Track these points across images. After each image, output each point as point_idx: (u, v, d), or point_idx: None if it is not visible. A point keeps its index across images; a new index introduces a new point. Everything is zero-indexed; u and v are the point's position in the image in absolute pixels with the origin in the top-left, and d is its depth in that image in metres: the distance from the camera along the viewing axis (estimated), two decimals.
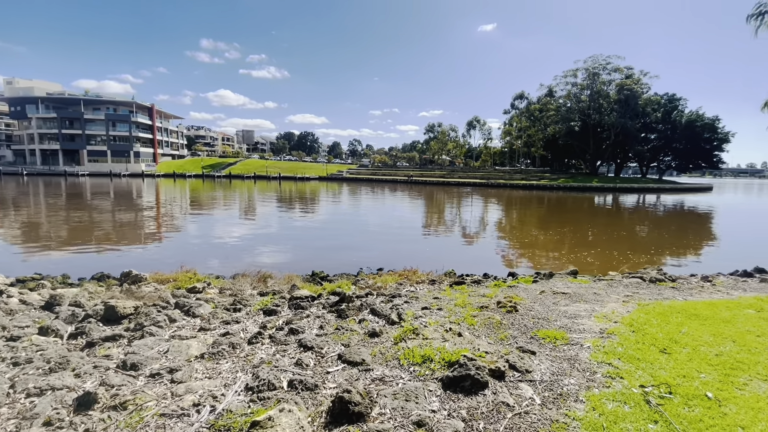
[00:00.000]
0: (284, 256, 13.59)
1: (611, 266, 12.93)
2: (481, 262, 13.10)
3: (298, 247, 14.89)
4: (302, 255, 13.63)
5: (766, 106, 6.87)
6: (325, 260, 13.06)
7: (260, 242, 15.59)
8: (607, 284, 6.54)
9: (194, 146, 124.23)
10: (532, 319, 4.55)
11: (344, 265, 12.27)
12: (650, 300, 5.24)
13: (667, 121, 62.52)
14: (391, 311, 4.91)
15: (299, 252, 14.12)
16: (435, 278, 8.68)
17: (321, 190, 49.86)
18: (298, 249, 14.62)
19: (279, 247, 14.91)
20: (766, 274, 7.92)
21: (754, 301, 5.08)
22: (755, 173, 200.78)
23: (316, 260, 12.88)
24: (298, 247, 14.89)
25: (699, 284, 6.48)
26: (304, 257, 13.42)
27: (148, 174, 74.34)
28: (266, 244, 15.19)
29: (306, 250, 14.38)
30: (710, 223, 25.45)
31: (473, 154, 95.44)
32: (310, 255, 13.67)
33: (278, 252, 14.01)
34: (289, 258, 13.35)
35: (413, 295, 6.29)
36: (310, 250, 14.58)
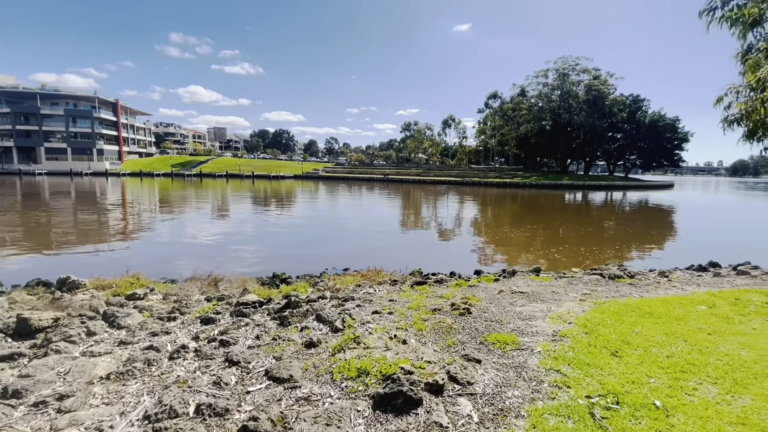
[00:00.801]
0: (251, 257, 12.97)
1: (577, 262, 13.08)
2: (450, 259, 12.96)
3: (267, 248, 14.27)
4: (269, 256, 13.06)
5: (718, 103, 6.90)
6: (292, 261, 12.56)
7: (227, 243, 14.86)
8: (568, 282, 6.43)
9: (163, 144, 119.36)
10: (484, 321, 4.29)
11: (311, 266, 11.83)
12: (607, 298, 5.12)
13: (632, 121, 65.16)
14: (339, 317, 4.54)
15: (267, 252, 13.52)
16: (398, 278, 8.38)
17: (296, 188, 48.81)
18: (266, 249, 14.01)
19: (246, 247, 14.22)
20: (719, 268, 8.08)
21: (706, 297, 5.05)
22: (711, 171, 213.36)
23: (283, 261, 12.36)
24: (267, 248, 14.27)
25: (656, 280, 6.47)
26: (271, 258, 12.86)
27: (112, 173, 70.71)
28: (233, 245, 14.48)
29: (274, 251, 13.80)
30: (671, 218, 26.53)
31: (449, 153, 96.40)
32: (277, 256, 13.12)
33: (245, 253, 13.36)
34: (255, 259, 12.75)
35: (369, 297, 5.95)
36: (279, 250, 14.01)
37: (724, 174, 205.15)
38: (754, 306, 4.66)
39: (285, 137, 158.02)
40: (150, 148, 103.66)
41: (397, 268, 11.79)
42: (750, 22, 5.25)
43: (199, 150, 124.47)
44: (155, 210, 24.41)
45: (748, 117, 6.39)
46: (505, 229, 20.37)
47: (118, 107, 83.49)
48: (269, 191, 43.55)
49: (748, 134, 6.70)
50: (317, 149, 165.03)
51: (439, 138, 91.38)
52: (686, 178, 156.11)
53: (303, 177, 75.59)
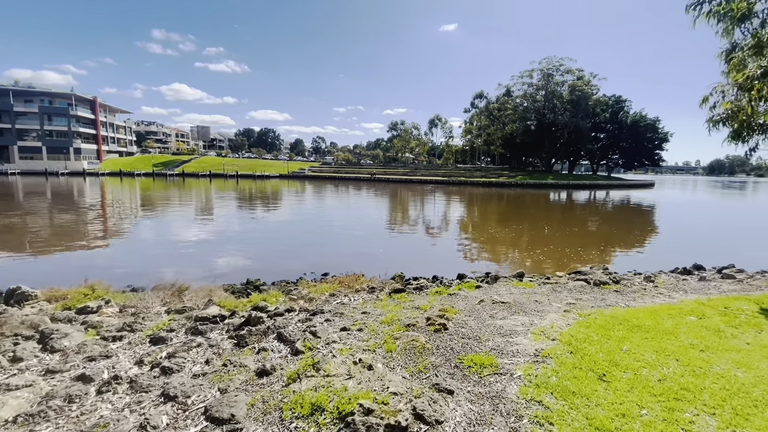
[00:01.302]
0: (228, 261, 12.36)
1: (562, 264, 12.90)
2: (434, 262, 12.62)
3: (246, 251, 13.66)
4: (248, 260, 12.49)
5: (703, 102, 6.71)
6: (272, 265, 12.03)
7: (206, 247, 14.20)
8: (552, 289, 6.12)
9: (145, 143, 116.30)
10: (461, 339, 3.91)
11: (290, 270, 11.33)
12: (592, 308, 4.81)
13: (615, 122, 66.32)
14: (302, 336, 4.10)
15: (246, 256, 12.95)
16: (377, 285, 7.97)
17: (280, 188, 47.92)
18: (245, 253, 13.41)
19: (225, 251, 13.59)
20: (703, 271, 7.92)
21: (695, 306, 4.79)
22: (689, 170, 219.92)
23: (262, 265, 11.83)
24: (246, 251, 13.66)
25: (642, 286, 6.23)
26: (250, 262, 12.30)
27: (90, 172, 68.36)
28: (211, 249, 13.83)
29: (254, 255, 13.22)
30: (653, 217, 26.86)
31: (436, 152, 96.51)
32: (257, 260, 12.57)
33: (222, 257, 12.75)
34: (233, 263, 12.15)
35: (341, 310, 5.51)
36: (259, 254, 13.43)
37: (701, 173, 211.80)
38: (745, 316, 4.42)
39: (270, 136, 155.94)
40: (131, 147, 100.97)
41: (379, 272, 11.40)
42: (738, 17, 5.04)
43: (182, 149, 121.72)
44: (132, 211, 23.41)
45: (734, 117, 6.21)
46: (490, 229, 20.19)
47: (96, 105, 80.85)
48: (253, 191, 42.60)
49: (733, 135, 6.53)
50: (304, 148, 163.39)
51: (425, 137, 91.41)
52: (666, 177, 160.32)
53: (289, 177, 74.51)
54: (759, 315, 4.48)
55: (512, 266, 12.34)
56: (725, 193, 57.26)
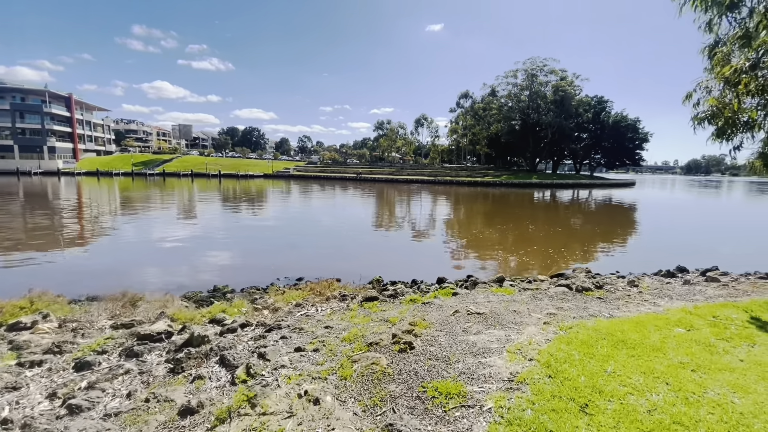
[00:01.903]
0: (200, 265, 11.67)
1: (545, 265, 12.65)
2: (415, 264, 12.20)
3: (220, 255, 12.95)
4: (221, 264, 11.83)
5: (686, 99, 6.44)
6: (245, 269, 11.39)
7: (179, 250, 13.42)
8: (532, 296, 5.74)
9: (124, 142, 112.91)
10: (428, 360, 3.45)
11: (264, 275, 10.75)
12: (574, 319, 4.43)
13: (597, 122, 67.35)
14: (249, 358, 3.58)
15: (219, 260, 12.28)
16: (350, 292, 7.47)
17: (264, 188, 46.89)
18: (219, 257, 12.72)
19: (199, 255, 12.85)
20: (687, 273, 7.69)
21: (682, 315, 4.46)
22: (668, 170, 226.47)
23: (235, 270, 11.19)
24: (220, 255, 12.95)
25: (626, 292, 5.91)
26: (223, 267, 11.66)
27: (66, 172, 65.84)
28: (184, 252, 13.08)
29: (228, 258, 12.57)
30: (634, 217, 27.12)
31: (422, 152, 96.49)
32: (230, 264, 11.92)
33: (195, 261, 12.04)
34: (204, 268, 11.48)
35: (302, 323, 4.99)
36: (234, 257, 12.78)
37: (679, 172, 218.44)
38: (735, 327, 4.09)
39: (255, 135, 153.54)
40: (109, 146, 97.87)
41: (359, 275, 10.90)
42: (727, 5, 4.74)
43: (163, 148, 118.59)
44: (104, 213, 22.27)
45: (719, 114, 5.95)
46: (474, 229, 19.91)
47: (71, 102, 78.00)
48: (235, 191, 41.50)
49: (718, 133, 6.28)
50: (289, 147, 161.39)
51: (412, 137, 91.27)
52: (646, 176, 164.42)
53: (273, 176, 73.26)
54: (749, 325, 4.17)
55: (495, 268, 12.02)
56: (702, 192, 58.81)
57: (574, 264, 13.08)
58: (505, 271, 11.92)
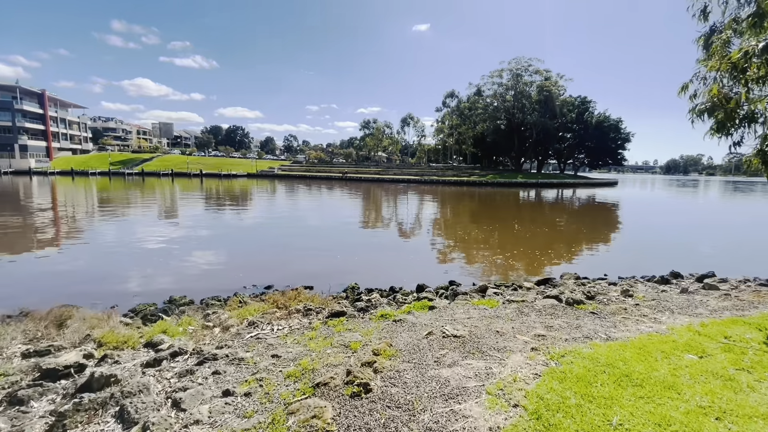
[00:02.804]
0: (163, 272, 10.70)
1: (532, 268, 12.09)
2: (397, 268, 11.48)
3: (187, 261, 11.96)
4: (187, 271, 10.92)
5: (682, 91, 5.90)
6: (210, 276, 10.50)
7: (143, 255, 12.35)
8: (518, 310, 5.06)
9: (101, 140, 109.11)
10: (386, 410, 2.71)
11: (231, 282, 9.90)
12: (567, 342, 3.75)
13: (581, 122, 68.00)
14: (159, 408, 2.78)
15: (185, 266, 11.34)
16: (318, 303, 6.68)
17: (246, 188, 45.51)
18: (185, 263, 11.75)
19: (164, 260, 11.80)
20: (681, 279, 7.17)
21: (689, 336, 3.84)
22: (648, 169, 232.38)
23: (199, 278, 10.27)
24: (187, 261, 11.96)
25: (620, 302, 5.30)
26: (186, 274, 10.74)
27: (38, 171, 63.09)
28: (149, 258, 12.01)
29: (195, 264, 11.60)
30: (619, 216, 27.06)
31: (409, 152, 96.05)
32: (194, 271, 10.99)
33: (158, 267, 11.04)
34: (167, 275, 10.53)
35: (246, 350, 4.17)
36: (200, 263, 11.80)
37: (658, 172, 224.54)
38: (753, 352, 3.48)
39: (239, 134, 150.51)
40: (86, 144, 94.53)
41: (333, 281, 10.15)
42: None
43: (144, 147, 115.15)
44: (72, 213, 20.82)
45: (720, 106, 5.40)
46: (459, 230, 19.33)
47: (45, 98, 74.92)
48: (216, 191, 40.07)
49: (718, 127, 5.76)
50: (274, 146, 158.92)
51: (398, 136, 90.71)
52: (627, 176, 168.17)
53: (257, 176, 71.71)
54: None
55: (479, 271, 11.39)
56: (680, 191, 59.96)
57: (560, 264, 12.57)
58: (490, 274, 11.32)
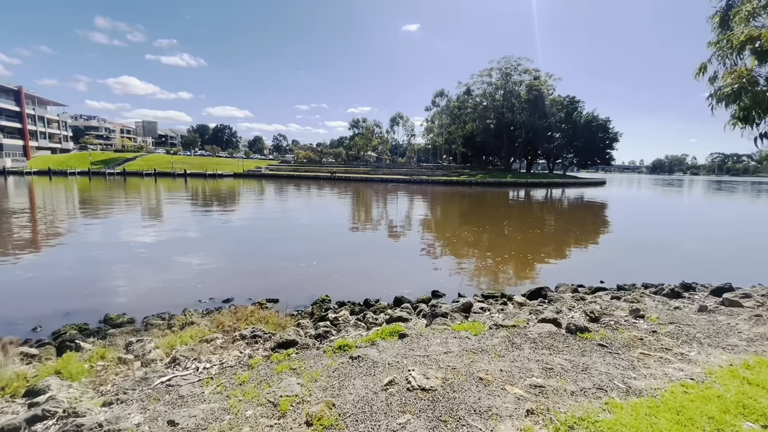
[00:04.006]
0: (109, 283, 9.44)
1: (523, 274, 11.15)
2: (375, 276, 10.38)
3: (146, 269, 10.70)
4: (139, 282, 9.68)
5: (699, 72, 5.00)
6: (167, 288, 9.26)
7: (99, 263, 11.05)
8: (508, 339, 4.04)
9: (83, 139, 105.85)
10: None
11: (185, 296, 8.75)
12: (574, 401, 2.74)
13: (569, 121, 67.92)
14: None
15: (140, 276, 10.11)
16: (266, 329, 5.59)
17: (230, 188, 43.94)
18: (142, 271, 10.51)
19: (113, 270, 10.49)
20: (694, 292, 6.26)
21: (739, 389, 2.85)
22: (635, 169, 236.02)
23: (154, 290, 9.06)
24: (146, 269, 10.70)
25: (632, 326, 4.34)
26: (138, 286, 9.53)
27: (14, 171, 60.58)
28: (99, 266, 10.70)
29: (152, 273, 10.37)
30: (609, 216, 26.47)
31: (399, 151, 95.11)
32: (145, 283, 9.75)
33: (106, 278, 9.75)
34: (114, 287, 9.29)
35: (134, 414, 3.07)
36: (161, 271, 10.57)
37: (645, 171, 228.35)
38: None
39: (227, 133, 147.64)
40: (66, 143, 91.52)
41: (302, 294, 9.06)
42: None
43: (128, 146, 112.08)
44: (38, 215, 19.21)
45: (748, 88, 4.50)
46: (447, 232, 18.36)
47: (21, 96, 72.15)
48: (198, 191, 38.47)
49: (742, 117, 4.86)
50: (263, 146, 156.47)
51: (387, 135, 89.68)
52: (615, 175, 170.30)
53: (244, 175, 69.97)
54: None
55: (466, 278, 10.39)
56: (666, 191, 60.19)
57: (553, 267, 11.66)
58: (479, 280, 10.33)
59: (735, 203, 40.65)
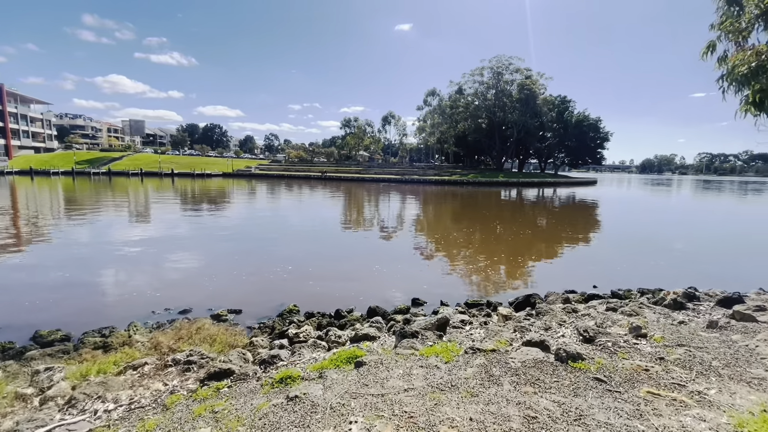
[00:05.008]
0: (57, 293, 8.56)
1: (512, 278, 10.46)
2: (352, 283, 9.56)
3: (97, 277, 9.79)
4: (88, 292, 8.83)
5: (707, 51, 4.31)
6: (117, 299, 8.41)
7: (45, 271, 10.12)
8: (485, 370, 3.30)
9: (68, 138, 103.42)
10: None
11: (139, 305, 7.97)
12: None
13: (561, 121, 67.82)
14: None
15: (98, 283, 9.27)
16: (207, 352, 4.78)
17: (218, 188, 42.80)
18: (102, 278, 9.64)
19: (68, 278, 9.59)
20: (698, 302, 5.59)
21: None
22: (624, 169, 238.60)
23: (98, 302, 8.20)
24: (97, 277, 9.79)
25: (633, 349, 3.63)
26: (88, 296, 8.68)
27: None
28: (48, 274, 9.80)
29: (103, 282, 9.49)
30: (601, 216, 26.03)
31: (391, 151, 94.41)
32: (97, 292, 8.91)
33: (55, 287, 8.87)
34: (62, 298, 8.44)
35: None
36: (111, 280, 9.69)
37: (635, 171, 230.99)
38: None
39: (217, 132, 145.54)
40: (50, 142, 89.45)
41: (270, 303, 8.28)
42: None
43: (115, 145, 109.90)
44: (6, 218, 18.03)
45: (764, 70, 3.83)
46: (436, 234, 17.66)
47: (3, 93, 70.25)
48: (185, 191, 37.30)
49: (756, 102, 4.20)
50: (254, 145, 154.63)
51: (379, 135, 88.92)
52: (605, 175, 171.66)
53: (233, 175, 68.74)
54: None
55: (451, 283, 9.63)
56: (655, 190, 60.32)
57: (543, 268, 11.00)
58: (465, 286, 9.60)
59: (724, 202, 40.66)
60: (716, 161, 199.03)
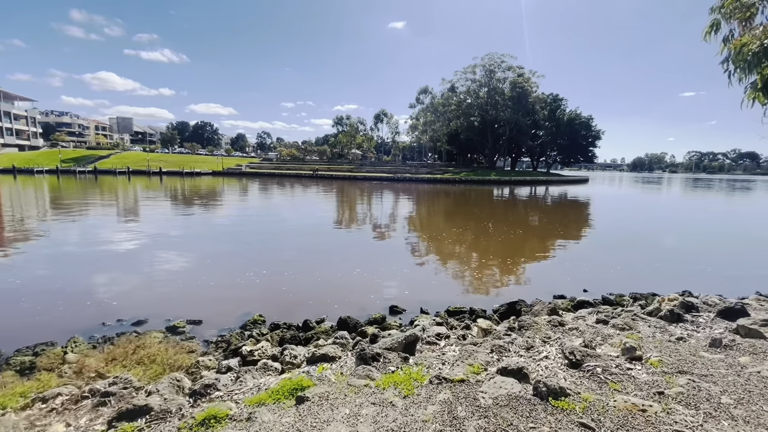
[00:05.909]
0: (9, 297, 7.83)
1: (499, 281, 9.89)
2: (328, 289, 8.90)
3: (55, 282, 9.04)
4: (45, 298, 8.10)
5: (711, 30, 3.73)
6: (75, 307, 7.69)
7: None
8: (447, 413, 2.71)
9: (54, 135, 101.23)
10: None
11: (91, 316, 7.30)
12: None
13: (553, 119, 67.70)
14: None
15: (41, 292, 8.46)
16: (137, 377, 4.14)
17: (206, 187, 41.82)
18: (49, 285, 8.85)
19: (24, 283, 8.85)
20: (698, 313, 5.05)
21: None
22: (616, 167, 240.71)
23: (46, 311, 7.46)
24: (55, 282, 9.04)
25: (627, 377, 3.07)
26: (41, 303, 7.95)
27: None
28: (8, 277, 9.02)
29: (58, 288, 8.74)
30: (594, 216, 25.69)
31: (384, 149, 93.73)
32: (50, 300, 8.17)
33: (9, 294, 8.14)
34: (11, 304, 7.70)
35: None
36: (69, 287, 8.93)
37: (626, 169, 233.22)
38: None
39: (208, 130, 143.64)
40: (36, 140, 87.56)
41: (236, 312, 7.64)
42: None
43: (103, 143, 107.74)
44: None
45: None
46: (425, 234, 17.08)
47: None
48: (172, 190, 36.29)
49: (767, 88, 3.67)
50: (245, 143, 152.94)
51: (372, 133, 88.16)
52: (597, 173, 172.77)
53: (223, 173, 67.63)
54: None
55: (434, 289, 9.03)
56: (646, 188, 60.46)
57: (534, 267, 10.47)
58: (449, 290, 9.00)
59: (714, 199, 40.71)
60: (705, 159, 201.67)
